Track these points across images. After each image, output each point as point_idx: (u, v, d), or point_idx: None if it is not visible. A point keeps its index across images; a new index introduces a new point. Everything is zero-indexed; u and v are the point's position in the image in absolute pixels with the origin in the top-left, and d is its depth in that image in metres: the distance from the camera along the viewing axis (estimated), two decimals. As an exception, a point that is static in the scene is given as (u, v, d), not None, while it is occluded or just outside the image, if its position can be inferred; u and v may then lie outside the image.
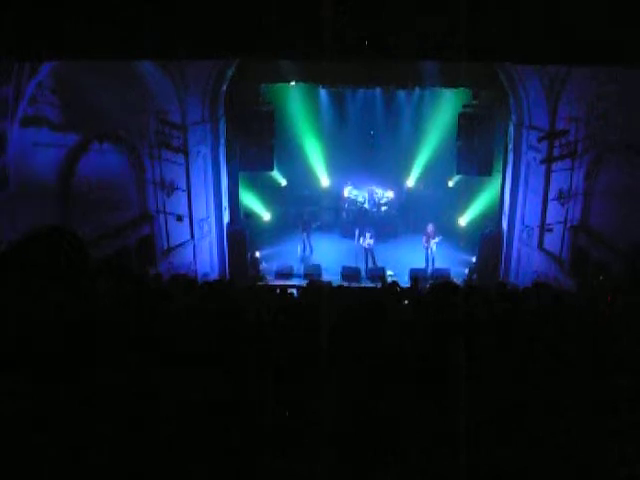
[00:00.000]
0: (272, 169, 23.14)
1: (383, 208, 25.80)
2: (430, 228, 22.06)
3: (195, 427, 2.93)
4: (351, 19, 8.80)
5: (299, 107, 24.51)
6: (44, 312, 1.78)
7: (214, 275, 20.70)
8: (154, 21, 8.90)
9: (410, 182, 26.64)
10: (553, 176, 18.67)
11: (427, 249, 22.07)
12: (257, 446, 3.08)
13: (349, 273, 21.10)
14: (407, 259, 22.25)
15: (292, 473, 3.10)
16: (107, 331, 1.93)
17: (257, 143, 21.20)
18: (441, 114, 23.46)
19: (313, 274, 20.76)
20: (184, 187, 19.68)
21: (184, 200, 19.80)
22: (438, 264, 22.05)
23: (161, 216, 18.96)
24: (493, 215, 22.09)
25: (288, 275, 21.63)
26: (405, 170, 26.29)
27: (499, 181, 21.31)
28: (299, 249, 23.51)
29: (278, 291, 11.62)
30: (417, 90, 22.97)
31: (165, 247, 19.23)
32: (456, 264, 22.46)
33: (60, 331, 1.80)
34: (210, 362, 3.70)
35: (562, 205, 18.26)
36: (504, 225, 21.22)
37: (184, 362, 3.50)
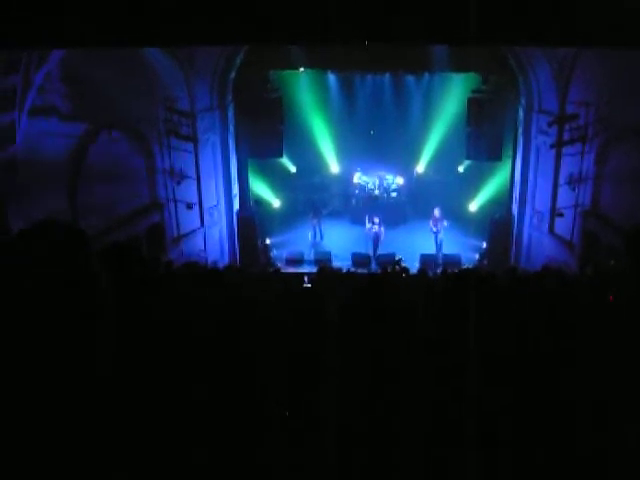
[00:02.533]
0: (281, 156, 23.13)
1: (393, 194, 25.73)
2: (437, 212, 22.04)
3: (196, 424, 2.93)
4: (358, 2, 8.77)
5: (308, 93, 24.40)
6: (40, 303, 1.78)
7: (224, 262, 20.73)
8: (162, 7, 8.90)
9: (420, 168, 26.51)
10: (563, 160, 18.58)
11: (435, 234, 22.06)
12: (260, 444, 3.09)
13: (359, 259, 21.13)
14: (417, 245, 22.20)
15: (295, 471, 3.11)
16: (108, 322, 1.92)
17: (266, 130, 21.15)
18: (450, 99, 23.31)
19: (323, 260, 20.76)
20: (193, 175, 19.72)
21: (194, 188, 19.84)
22: (449, 250, 22.00)
23: (171, 204, 19.02)
24: (503, 200, 22.00)
25: (299, 262, 21.66)
26: (415, 156, 26.16)
27: (509, 166, 21.21)
28: (310, 235, 23.50)
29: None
30: (426, 75, 22.91)
31: (175, 235, 19.31)
32: (467, 249, 22.42)
33: (58, 322, 1.81)
34: (213, 355, 3.71)
35: (573, 190, 18.18)
36: (514, 210, 21.15)
37: (187, 355, 3.51)
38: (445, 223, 21.97)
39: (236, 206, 21.83)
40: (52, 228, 2.13)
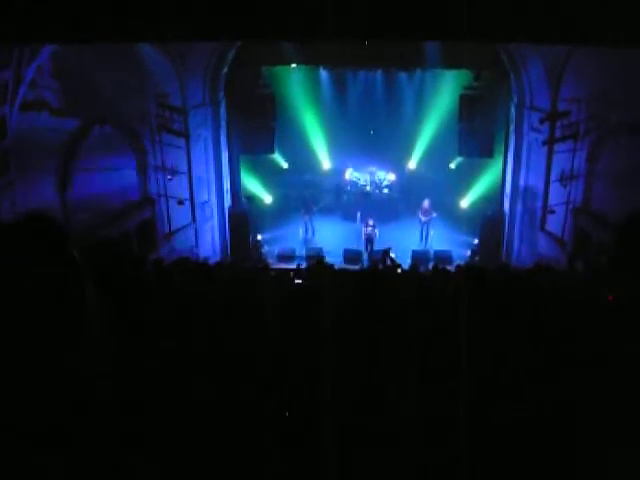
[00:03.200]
0: (273, 152, 23.13)
1: (385, 190, 25.73)
2: (426, 203, 22.13)
3: (195, 425, 2.92)
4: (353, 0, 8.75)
5: (300, 89, 24.38)
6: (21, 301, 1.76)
7: (216, 258, 20.70)
8: (157, 3, 8.86)
9: (412, 164, 26.56)
10: (555, 158, 18.61)
11: (423, 225, 22.20)
12: (259, 444, 3.08)
13: (351, 255, 21.11)
14: (409, 241, 22.23)
15: (294, 471, 3.10)
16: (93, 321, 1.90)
17: (258, 126, 21.13)
18: (442, 95, 23.34)
19: (315, 257, 20.72)
20: (185, 170, 19.65)
21: (185, 183, 19.78)
22: (440, 246, 22.06)
23: (162, 199, 18.96)
24: (495, 197, 22.06)
25: (290, 258, 21.64)
26: (407, 152, 26.20)
27: (501, 163, 21.25)
28: (301, 232, 23.49)
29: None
30: (418, 72, 22.94)
31: (166, 231, 19.25)
32: (458, 246, 22.44)
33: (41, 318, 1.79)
34: (210, 355, 3.70)
35: (564, 187, 18.21)
36: (506, 207, 21.19)
37: (184, 356, 3.49)
38: (434, 214, 22.08)
39: (228, 202, 21.79)
40: (32, 223, 2.10)
